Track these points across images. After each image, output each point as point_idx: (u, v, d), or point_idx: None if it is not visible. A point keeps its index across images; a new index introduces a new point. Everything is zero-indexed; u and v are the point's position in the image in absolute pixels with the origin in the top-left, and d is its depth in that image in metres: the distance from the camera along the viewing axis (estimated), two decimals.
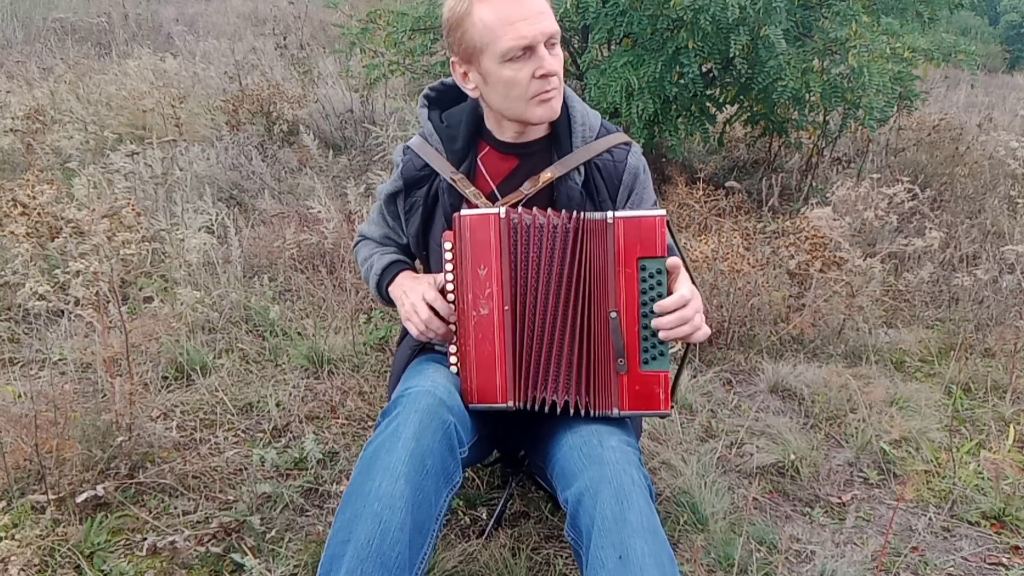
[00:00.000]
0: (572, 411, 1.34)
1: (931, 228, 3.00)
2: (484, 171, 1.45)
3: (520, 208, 1.34)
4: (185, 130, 4.49)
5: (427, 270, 1.56)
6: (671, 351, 1.31)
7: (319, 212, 3.23)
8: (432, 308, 1.38)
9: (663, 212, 1.26)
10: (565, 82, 1.43)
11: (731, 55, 3.25)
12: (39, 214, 2.76)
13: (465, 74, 1.37)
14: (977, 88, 7.91)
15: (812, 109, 3.80)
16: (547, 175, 1.41)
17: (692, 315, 1.26)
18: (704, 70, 3.65)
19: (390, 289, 1.53)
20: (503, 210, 1.30)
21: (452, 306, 1.37)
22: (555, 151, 1.44)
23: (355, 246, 1.71)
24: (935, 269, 3.14)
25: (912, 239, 2.99)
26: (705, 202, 3.56)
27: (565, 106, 1.42)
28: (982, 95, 7.73)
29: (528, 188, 1.41)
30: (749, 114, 4.00)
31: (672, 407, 1.32)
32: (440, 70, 4.28)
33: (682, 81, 3.41)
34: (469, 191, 1.42)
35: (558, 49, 1.32)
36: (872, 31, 3.41)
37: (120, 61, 5.99)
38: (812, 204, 3.50)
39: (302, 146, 4.43)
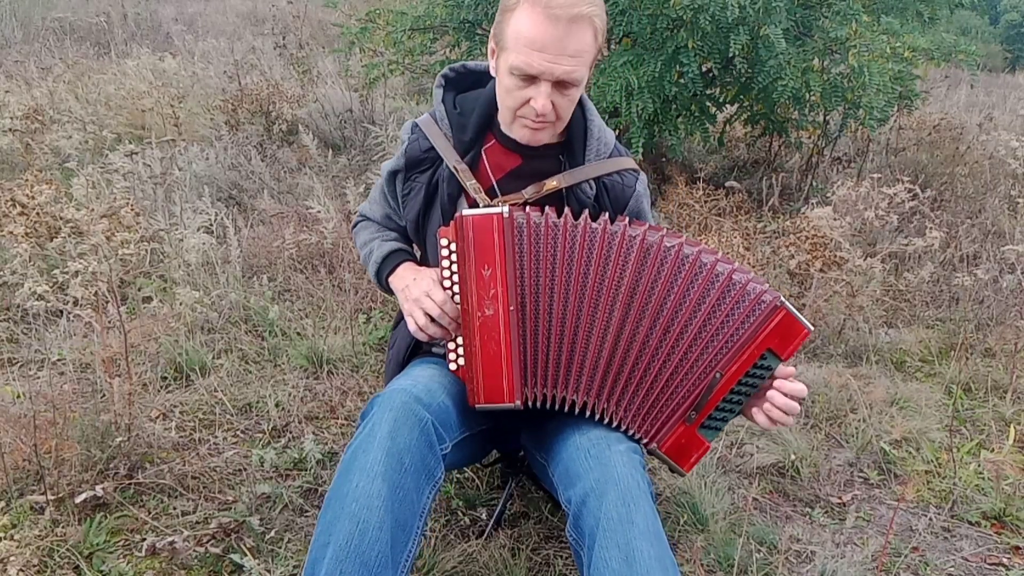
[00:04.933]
0: (591, 415, 1.34)
1: (931, 228, 3.00)
2: (487, 164, 1.43)
3: (528, 208, 1.32)
4: (184, 130, 4.47)
5: (423, 257, 1.54)
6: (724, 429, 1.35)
7: (318, 212, 3.22)
8: (441, 309, 1.35)
9: (812, 328, 1.29)
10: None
11: (731, 55, 3.25)
12: (38, 214, 2.75)
13: (494, 50, 1.35)
14: (977, 88, 7.91)
15: (812, 109, 3.79)
16: (552, 183, 1.39)
17: (795, 411, 1.28)
18: (704, 70, 3.65)
19: (391, 280, 1.51)
20: (506, 209, 1.28)
21: (458, 307, 1.35)
22: (565, 159, 1.42)
23: (354, 226, 1.68)
24: (935, 269, 3.14)
25: (912, 239, 2.99)
26: (705, 202, 3.55)
27: (584, 118, 1.42)
28: (982, 95, 7.73)
29: (530, 192, 1.39)
30: (749, 114, 3.99)
31: (690, 473, 1.37)
32: (439, 70, 4.27)
33: (682, 81, 3.40)
34: (470, 183, 1.40)
35: (573, 92, 1.29)
36: (872, 30, 3.41)
37: (119, 61, 5.98)
38: (812, 204, 3.50)
39: (301, 146, 4.42)
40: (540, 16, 1.21)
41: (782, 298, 1.27)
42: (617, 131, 3.69)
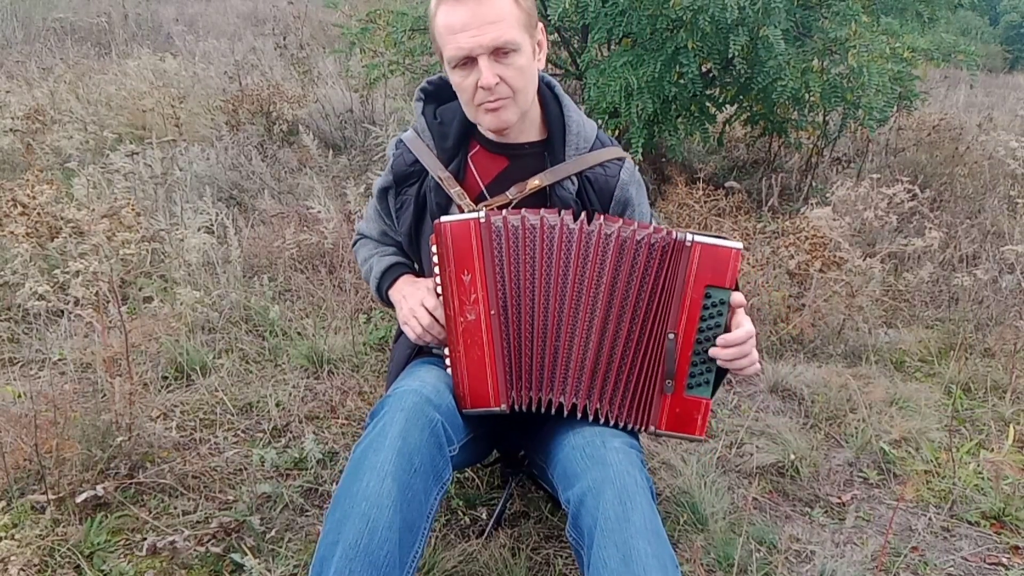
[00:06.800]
0: (584, 416, 1.34)
1: (931, 228, 3.00)
2: (474, 170, 1.44)
3: (506, 211, 1.33)
4: (185, 130, 4.48)
5: (420, 269, 1.55)
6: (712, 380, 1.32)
7: (319, 212, 3.23)
8: (432, 315, 1.38)
9: (740, 245, 1.26)
10: (567, 80, 1.42)
11: (730, 55, 3.26)
12: (39, 214, 2.76)
13: (442, 64, 1.37)
14: (977, 88, 7.92)
15: (812, 109, 3.80)
16: (535, 183, 1.39)
17: (751, 350, 1.28)
18: (704, 70, 3.65)
19: (390, 293, 1.53)
20: (483, 214, 1.29)
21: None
22: (548, 157, 1.43)
23: (354, 245, 1.70)
24: (935, 269, 3.14)
25: (912, 239, 2.99)
26: (705, 202, 3.56)
27: (561, 115, 1.42)
28: (982, 95, 7.74)
29: (514, 193, 1.40)
30: (749, 114, 4.00)
31: (705, 434, 1.32)
32: (440, 69, 4.27)
33: (682, 81, 3.41)
34: (454, 191, 1.41)
35: (515, 58, 1.28)
36: (872, 31, 3.41)
37: (120, 61, 5.99)
38: (812, 204, 3.51)
39: (302, 146, 4.43)
40: (449, 3, 1.26)
41: (691, 234, 1.25)
42: (617, 131, 3.70)
